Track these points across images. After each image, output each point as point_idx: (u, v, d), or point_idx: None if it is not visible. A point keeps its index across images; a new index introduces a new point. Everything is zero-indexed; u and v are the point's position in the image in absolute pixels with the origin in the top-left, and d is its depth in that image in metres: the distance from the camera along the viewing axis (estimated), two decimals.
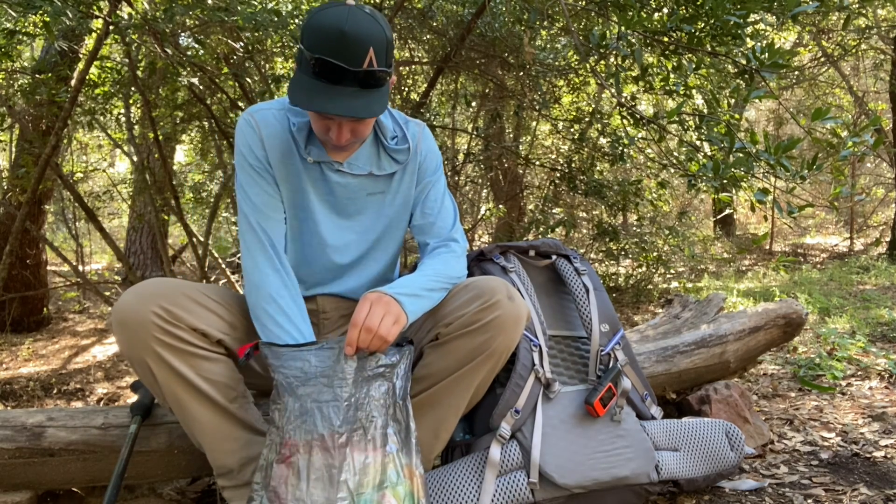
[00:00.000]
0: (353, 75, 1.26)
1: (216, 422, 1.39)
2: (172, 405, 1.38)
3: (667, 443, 1.69)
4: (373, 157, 1.53)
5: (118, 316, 1.30)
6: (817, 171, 2.13)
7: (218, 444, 1.40)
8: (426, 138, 1.60)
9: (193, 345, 1.34)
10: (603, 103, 5.26)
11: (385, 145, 1.52)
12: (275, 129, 1.47)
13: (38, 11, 2.27)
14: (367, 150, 1.53)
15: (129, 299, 1.30)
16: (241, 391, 1.43)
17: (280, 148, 1.47)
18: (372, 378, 1.29)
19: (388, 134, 1.53)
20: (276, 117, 1.48)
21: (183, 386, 1.34)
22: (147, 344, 1.30)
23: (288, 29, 2.67)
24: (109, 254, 8.80)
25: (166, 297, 1.32)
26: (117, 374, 3.79)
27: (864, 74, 9.62)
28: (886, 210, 10.24)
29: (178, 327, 1.32)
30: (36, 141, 3.43)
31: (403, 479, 1.25)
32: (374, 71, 1.27)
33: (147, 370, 1.33)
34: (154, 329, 1.29)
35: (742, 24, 2.15)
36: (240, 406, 1.42)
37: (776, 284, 5.77)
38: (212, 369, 1.37)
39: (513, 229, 5.41)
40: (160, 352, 1.30)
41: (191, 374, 1.34)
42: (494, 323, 1.39)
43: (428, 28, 3.64)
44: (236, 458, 1.41)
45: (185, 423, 1.41)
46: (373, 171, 1.53)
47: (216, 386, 1.37)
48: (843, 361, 2.94)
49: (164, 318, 1.30)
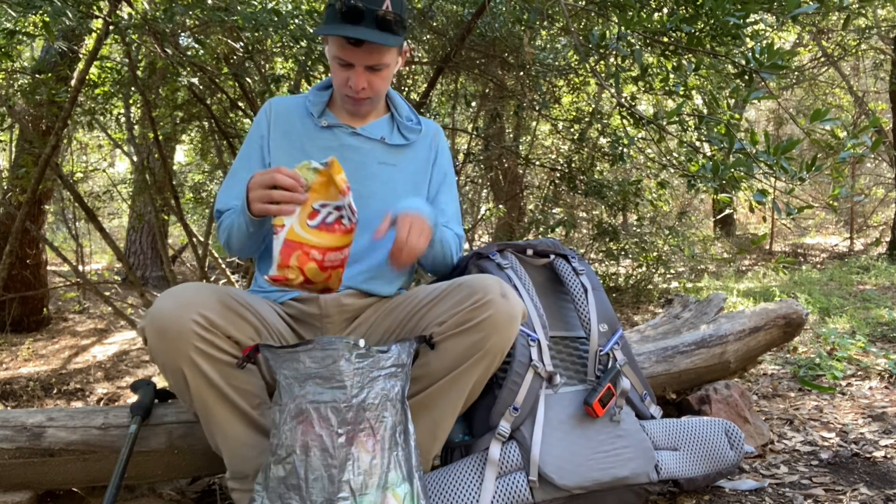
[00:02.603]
0: (372, 15, 1.47)
1: (240, 429, 1.39)
2: (199, 411, 1.38)
3: (666, 442, 1.69)
4: (385, 127, 1.69)
5: (156, 323, 1.28)
6: (817, 171, 2.13)
7: (238, 451, 1.40)
8: (442, 137, 1.78)
9: (228, 353, 1.35)
10: (603, 103, 5.26)
11: (398, 120, 1.70)
12: (286, 106, 1.68)
13: (38, 11, 2.27)
14: (381, 122, 1.69)
15: (168, 305, 1.29)
16: (264, 398, 1.44)
17: (287, 120, 1.65)
18: (385, 378, 1.29)
19: (404, 114, 1.72)
20: (293, 100, 1.70)
21: (214, 394, 1.35)
22: (185, 353, 1.29)
23: (288, 29, 2.67)
24: (109, 254, 8.80)
25: (206, 305, 1.31)
26: (117, 374, 3.79)
27: (864, 74, 9.62)
28: (886, 210, 10.24)
29: (216, 335, 1.32)
30: (36, 141, 3.43)
31: (404, 479, 1.25)
32: (390, 13, 1.48)
33: (181, 377, 1.32)
34: (194, 338, 1.29)
35: (742, 24, 2.15)
36: (261, 413, 1.42)
37: (776, 284, 5.77)
38: (241, 377, 1.38)
39: (513, 229, 5.41)
40: (197, 360, 1.30)
41: (222, 382, 1.34)
42: (488, 321, 1.39)
43: (428, 28, 3.64)
44: (253, 465, 1.41)
45: (208, 429, 1.41)
46: (385, 137, 1.67)
47: (244, 394, 1.38)
48: (843, 361, 2.94)
49: (203, 327, 1.30)
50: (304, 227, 1.33)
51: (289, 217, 1.32)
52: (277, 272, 1.32)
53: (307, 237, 1.33)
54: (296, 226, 1.32)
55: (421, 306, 1.51)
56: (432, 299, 1.49)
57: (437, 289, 1.51)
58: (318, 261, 1.34)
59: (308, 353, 1.28)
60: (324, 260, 1.34)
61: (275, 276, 1.32)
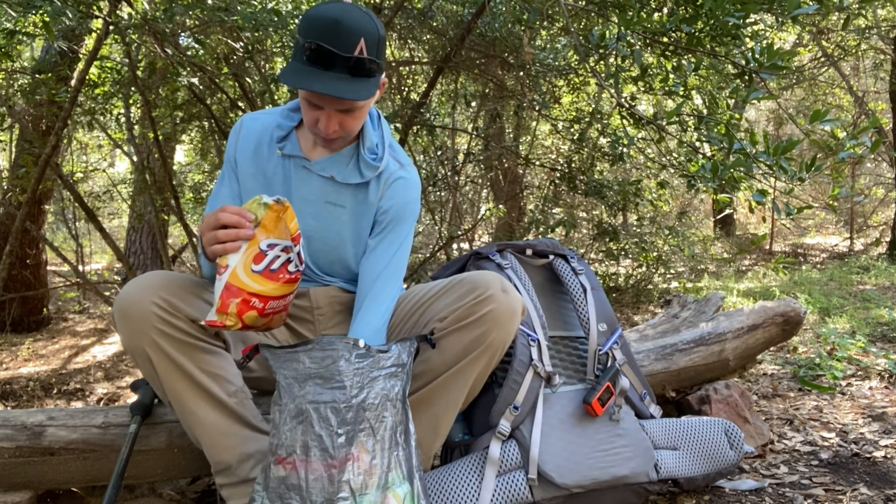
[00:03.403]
0: (343, 61, 1.31)
1: (214, 416, 1.39)
2: (172, 399, 1.38)
3: (666, 442, 1.69)
4: (342, 162, 1.53)
5: (120, 307, 1.31)
6: (816, 172, 2.13)
7: (216, 440, 1.40)
8: (399, 185, 1.56)
9: (193, 335, 1.35)
10: (603, 103, 5.26)
11: (361, 154, 1.53)
12: (254, 128, 1.57)
13: (38, 11, 2.27)
14: (341, 154, 1.53)
15: (131, 290, 1.32)
16: (239, 386, 1.44)
17: (254, 144, 1.55)
18: (385, 378, 1.29)
19: (368, 145, 1.53)
20: (264, 119, 1.58)
21: (182, 378, 1.35)
22: (147, 334, 1.30)
23: (288, 29, 2.67)
24: (109, 254, 8.80)
25: (167, 289, 1.33)
26: (117, 374, 3.79)
27: (864, 74, 9.62)
28: (886, 210, 10.23)
29: (178, 318, 1.32)
30: (36, 141, 3.43)
31: (404, 479, 1.25)
32: (363, 59, 1.32)
33: (147, 361, 1.34)
34: (154, 319, 1.30)
35: (742, 24, 2.15)
36: (238, 401, 1.42)
37: (776, 284, 5.77)
38: (211, 361, 1.38)
39: (513, 229, 5.42)
40: (160, 342, 1.31)
41: (190, 365, 1.35)
42: (489, 316, 1.39)
43: (428, 28, 3.65)
44: (234, 455, 1.41)
45: (184, 419, 1.41)
46: (335, 176, 1.52)
47: (215, 379, 1.38)
48: (843, 361, 2.94)
49: (164, 309, 1.31)
50: (247, 271, 1.26)
51: (234, 256, 1.25)
52: (216, 317, 1.25)
53: (249, 284, 1.26)
54: (239, 269, 1.25)
55: (421, 302, 1.51)
56: (433, 295, 1.49)
57: (437, 285, 1.51)
58: (259, 309, 1.28)
59: (308, 353, 1.28)
60: (265, 308, 1.29)
61: (212, 322, 1.25)
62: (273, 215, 1.27)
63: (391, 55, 4.33)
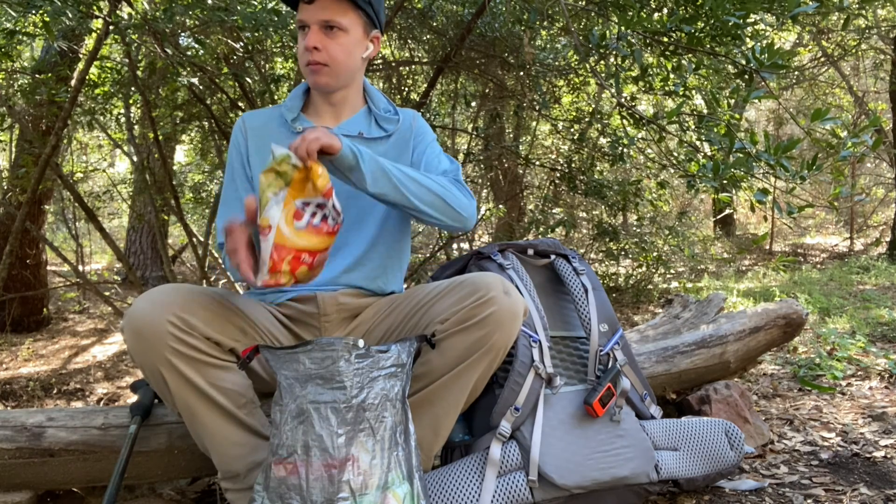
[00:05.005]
0: None
1: (225, 428, 1.39)
2: (182, 412, 1.38)
3: (666, 442, 1.69)
4: (362, 122, 1.65)
5: (132, 324, 1.29)
6: (817, 171, 2.13)
7: (226, 450, 1.40)
8: (419, 118, 1.72)
9: (206, 354, 1.34)
10: (603, 103, 5.26)
11: (376, 113, 1.66)
12: (260, 119, 1.65)
13: (38, 11, 2.27)
14: (357, 117, 1.65)
15: (144, 307, 1.29)
16: (250, 397, 1.44)
17: (263, 132, 1.61)
18: (385, 378, 1.29)
19: (381, 106, 1.68)
20: (266, 112, 1.67)
21: (195, 394, 1.34)
22: (161, 354, 1.29)
23: (288, 29, 2.67)
24: (109, 254, 8.80)
25: (181, 306, 1.31)
26: (117, 374, 3.79)
27: (864, 74, 9.62)
28: (886, 210, 10.23)
29: (193, 336, 1.31)
30: (36, 141, 3.42)
31: (404, 479, 1.25)
32: None
33: (160, 378, 1.33)
34: (169, 339, 1.28)
35: (742, 24, 2.15)
36: (248, 412, 1.42)
37: (776, 284, 5.77)
38: (224, 377, 1.38)
39: (513, 229, 5.41)
40: (174, 361, 1.30)
41: (202, 382, 1.34)
42: (491, 318, 1.39)
43: (428, 28, 3.64)
44: (243, 464, 1.41)
45: (194, 429, 1.41)
46: (362, 132, 1.63)
47: (227, 394, 1.38)
48: (843, 361, 2.94)
49: (178, 328, 1.29)
50: (291, 228, 1.28)
51: (275, 215, 1.27)
52: (269, 277, 1.27)
53: (296, 241, 1.28)
54: (283, 226, 1.27)
55: (423, 304, 1.51)
56: (434, 297, 1.49)
57: (438, 286, 1.51)
58: (309, 263, 1.31)
59: (307, 353, 1.28)
60: (314, 262, 1.32)
61: (266, 282, 1.27)
62: (301, 175, 1.29)
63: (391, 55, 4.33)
